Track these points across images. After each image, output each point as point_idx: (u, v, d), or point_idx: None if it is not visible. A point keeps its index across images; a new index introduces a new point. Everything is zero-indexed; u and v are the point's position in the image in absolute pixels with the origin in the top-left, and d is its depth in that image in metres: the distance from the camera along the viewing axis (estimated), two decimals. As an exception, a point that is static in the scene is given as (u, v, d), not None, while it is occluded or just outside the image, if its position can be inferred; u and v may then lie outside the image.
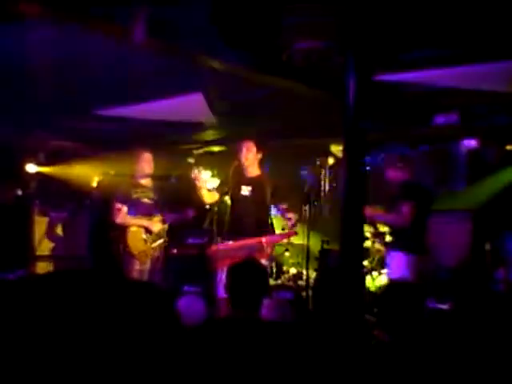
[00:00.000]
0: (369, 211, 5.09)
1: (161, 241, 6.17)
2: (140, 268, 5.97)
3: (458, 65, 4.75)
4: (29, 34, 4.05)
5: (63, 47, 4.35)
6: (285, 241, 7.69)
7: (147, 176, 6.23)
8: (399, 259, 5.30)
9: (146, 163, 6.20)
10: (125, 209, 6.04)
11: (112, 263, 6.81)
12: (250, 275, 3.01)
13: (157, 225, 6.14)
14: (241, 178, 5.64)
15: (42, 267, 7.78)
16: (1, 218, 7.74)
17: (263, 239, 5.32)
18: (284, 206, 5.61)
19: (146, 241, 6.05)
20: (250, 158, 5.55)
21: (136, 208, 6.10)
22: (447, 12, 3.93)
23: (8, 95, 5.78)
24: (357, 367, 2.75)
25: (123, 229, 6.05)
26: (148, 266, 6.03)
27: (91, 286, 1.19)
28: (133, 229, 6.04)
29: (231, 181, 5.68)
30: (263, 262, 5.01)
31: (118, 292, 1.20)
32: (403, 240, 5.34)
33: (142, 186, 6.21)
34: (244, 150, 5.54)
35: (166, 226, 6.24)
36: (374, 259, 6.77)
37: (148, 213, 6.15)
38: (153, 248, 6.09)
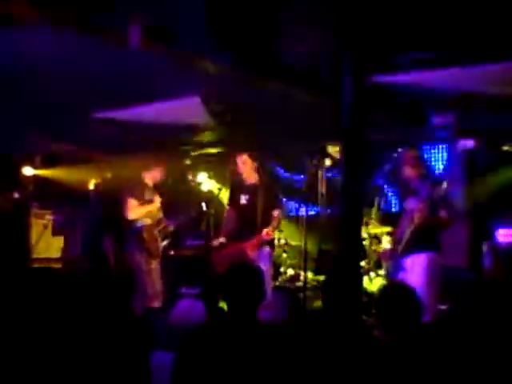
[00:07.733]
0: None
1: (166, 242, 6.18)
2: (155, 267, 5.96)
3: (455, 66, 4.77)
4: (28, 38, 4.06)
5: (61, 51, 4.36)
6: (282, 242, 7.75)
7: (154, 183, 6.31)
8: (424, 260, 5.07)
9: (158, 173, 6.29)
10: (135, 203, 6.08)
11: (105, 263, 6.84)
12: (246, 279, 2.97)
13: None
14: (240, 186, 5.76)
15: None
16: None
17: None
18: None
19: (157, 239, 6.07)
20: (247, 170, 5.69)
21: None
22: (443, 14, 3.94)
23: (5, 98, 5.77)
24: (355, 368, 2.76)
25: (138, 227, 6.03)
26: (158, 265, 6.05)
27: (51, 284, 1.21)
28: (147, 225, 6.03)
29: (230, 187, 5.82)
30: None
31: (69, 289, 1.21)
32: (427, 240, 5.11)
33: (150, 189, 6.28)
34: (240, 163, 5.67)
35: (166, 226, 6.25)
36: (370, 260, 6.79)
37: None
38: (162, 246, 6.12)
